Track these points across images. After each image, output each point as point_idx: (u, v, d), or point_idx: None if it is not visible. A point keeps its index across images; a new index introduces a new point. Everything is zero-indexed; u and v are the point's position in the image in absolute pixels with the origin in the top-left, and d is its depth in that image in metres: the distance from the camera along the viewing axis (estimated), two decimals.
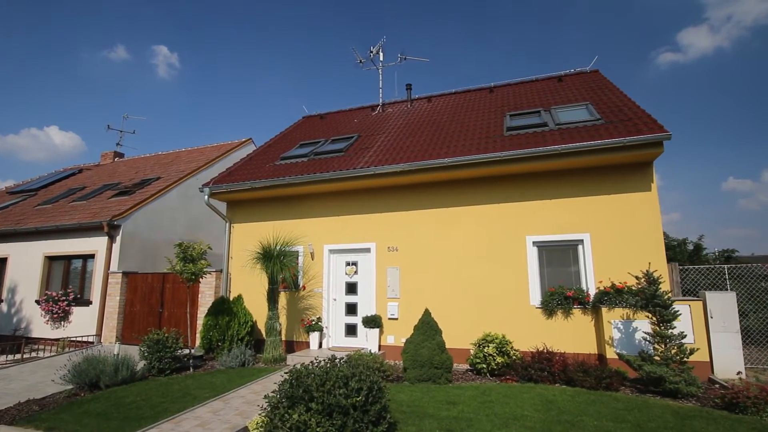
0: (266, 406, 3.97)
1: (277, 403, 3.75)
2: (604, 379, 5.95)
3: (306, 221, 9.68)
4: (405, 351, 6.88)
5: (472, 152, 8.13)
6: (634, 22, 46.32)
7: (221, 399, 5.92)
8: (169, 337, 7.77)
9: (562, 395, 5.59)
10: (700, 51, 45.93)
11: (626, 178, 7.68)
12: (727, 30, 44.80)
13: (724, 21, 44.76)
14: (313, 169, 9.35)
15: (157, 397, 6.04)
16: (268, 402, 3.93)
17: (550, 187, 8.10)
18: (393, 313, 8.62)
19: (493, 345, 7.06)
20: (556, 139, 7.76)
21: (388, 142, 9.96)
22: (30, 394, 6.76)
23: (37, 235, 12.53)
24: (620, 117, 8.08)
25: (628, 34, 47.20)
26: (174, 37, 52.31)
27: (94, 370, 6.69)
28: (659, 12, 45.36)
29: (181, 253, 8.06)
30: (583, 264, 7.77)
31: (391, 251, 8.92)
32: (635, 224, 7.50)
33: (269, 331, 8.42)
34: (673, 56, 46.86)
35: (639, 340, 6.82)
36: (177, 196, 13.55)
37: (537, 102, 10.31)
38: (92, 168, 18.55)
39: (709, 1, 43.87)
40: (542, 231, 8.02)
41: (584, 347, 7.44)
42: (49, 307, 11.50)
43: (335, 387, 3.69)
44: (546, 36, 49.41)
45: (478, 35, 50.87)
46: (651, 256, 7.28)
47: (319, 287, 9.39)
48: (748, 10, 42.00)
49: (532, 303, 7.87)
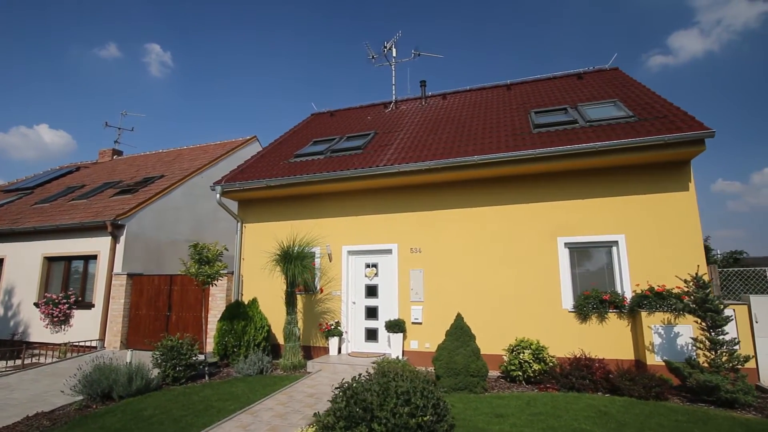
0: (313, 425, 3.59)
1: (333, 424, 3.37)
2: (653, 387, 5.64)
3: (323, 221, 9.28)
4: (438, 358, 6.53)
5: (501, 150, 7.81)
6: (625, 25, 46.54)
7: (248, 412, 5.51)
8: (183, 343, 7.34)
9: (613, 406, 5.27)
10: (691, 54, 46.29)
11: (663, 178, 7.40)
12: (717, 34, 45.19)
13: (714, 25, 45.15)
14: (331, 167, 8.96)
15: (178, 410, 5.62)
16: (318, 421, 3.55)
17: (581, 186, 7.80)
18: (417, 317, 8.26)
19: (528, 351, 6.73)
20: (591, 136, 7.46)
21: (408, 139, 9.60)
22: (36, 405, 6.30)
23: (35, 235, 11.99)
24: (654, 114, 7.80)
25: (619, 37, 47.40)
26: (167, 36, 51.51)
27: (106, 380, 6.25)
28: (650, 15, 45.61)
29: (195, 254, 7.63)
30: (617, 266, 7.48)
31: (414, 252, 8.56)
32: (673, 225, 7.22)
33: (288, 337, 8.02)
34: (664, 59, 47.13)
35: (681, 346, 6.54)
36: (182, 194, 13.09)
37: (560, 99, 10.02)
38: (90, 166, 17.96)
39: (700, 5, 44.22)
40: (574, 232, 7.72)
41: (620, 353, 7.14)
42: (49, 311, 10.98)
43: (399, 405, 3.32)
44: (537, 38, 49.45)
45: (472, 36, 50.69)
46: (690, 258, 7.00)
47: (337, 290, 9.00)
48: (738, 14, 42.38)
49: (564, 307, 7.56)
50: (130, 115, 21.03)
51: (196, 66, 55.53)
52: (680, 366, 5.86)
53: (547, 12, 46.41)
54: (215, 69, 56.01)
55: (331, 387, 6.46)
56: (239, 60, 55.30)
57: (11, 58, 49.07)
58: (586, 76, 11.42)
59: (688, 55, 46.15)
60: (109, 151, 18.62)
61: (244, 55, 54.69)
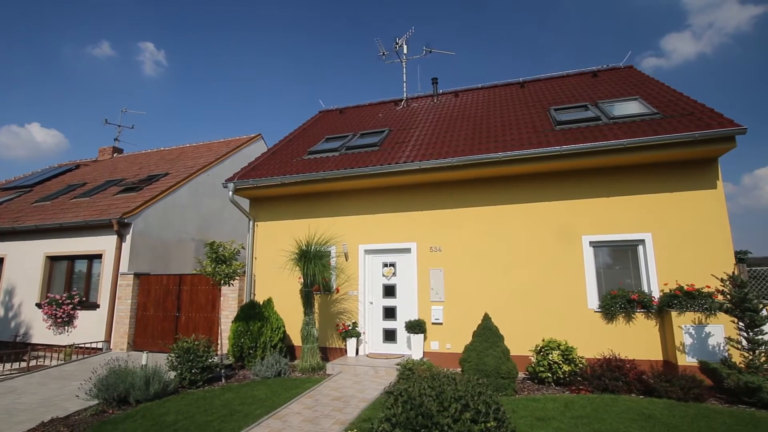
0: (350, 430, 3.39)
1: (390, 431, 3.17)
2: (691, 389, 5.50)
3: (338, 219, 9.07)
4: (466, 359, 6.35)
5: (525, 147, 7.65)
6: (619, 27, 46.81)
7: (275, 417, 5.29)
8: (199, 345, 7.09)
9: (654, 408, 5.12)
10: (683, 56, 46.62)
11: (690, 175, 7.28)
12: (709, 36, 45.58)
13: (706, 27, 45.52)
14: (348, 164, 8.76)
15: (201, 415, 5.39)
16: (373, 429, 3.35)
17: (606, 184, 7.67)
18: (437, 318, 8.08)
19: (557, 352, 6.57)
20: (617, 133, 7.33)
21: (425, 136, 9.43)
22: (48, 410, 6.04)
23: (37, 234, 11.66)
24: (679, 111, 7.69)
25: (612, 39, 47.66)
26: (161, 34, 50.93)
27: (123, 384, 5.99)
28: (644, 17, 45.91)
29: (212, 253, 7.38)
30: (643, 265, 7.35)
31: (433, 251, 8.38)
32: (700, 223, 7.11)
33: (306, 338, 7.80)
34: (657, 61, 47.41)
35: (713, 346, 6.42)
36: (188, 192, 12.81)
37: (577, 97, 9.90)
38: (90, 164, 17.59)
39: (692, 8, 44.57)
40: (599, 230, 7.58)
41: (647, 353, 7.01)
42: (52, 311, 10.66)
43: (459, 411, 3.14)
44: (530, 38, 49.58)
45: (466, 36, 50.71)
46: (718, 257, 6.90)
47: (354, 290, 8.79)
48: (730, 17, 42.78)
49: (589, 306, 7.42)
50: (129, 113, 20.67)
51: (191, 65, 55.00)
52: (717, 367, 5.73)
53: (540, 13, 46.53)
54: (210, 67, 55.53)
55: (357, 389, 6.29)
56: (236, 59, 54.87)
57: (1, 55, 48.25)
58: (600, 74, 11.32)
59: (681, 58, 46.50)
60: (109, 149, 18.25)
61: (242, 55, 54.27)
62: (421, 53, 12.99)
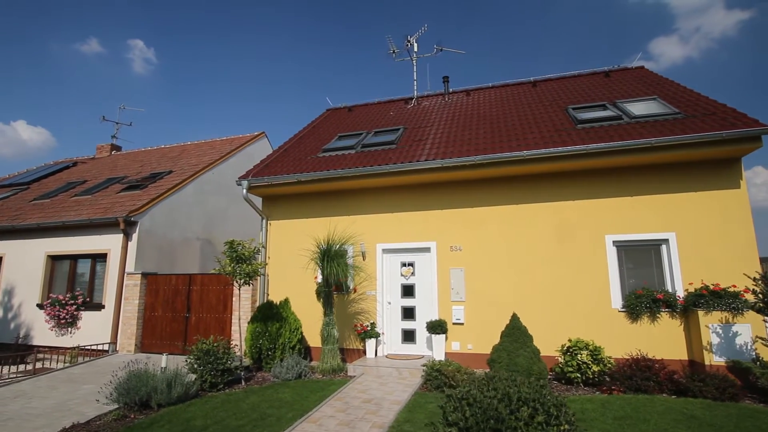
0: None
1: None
2: (727, 389, 5.49)
3: (355, 218, 8.92)
4: (497, 359, 6.26)
5: (548, 145, 7.60)
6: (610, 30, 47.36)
7: (309, 420, 5.13)
8: (219, 347, 6.90)
9: (693, 408, 5.08)
10: (671, 60, 47.34)
11: (713, 175, 7.29)
12: (696, 41, 46.36)
13: (693, 32, 46.30)
14: (366, 162, 8.62)
15: (231, 419, 5.21)
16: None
17: (628, 183, 7.64)
18: (459, 318, 7.98)
19: (586, 352, 6.52)
20: (642, 132, 7.31)
21: (442, 134, 9.33)
22: (63, 415, 5.80)
23: (38, 233, 11.30)
24: (701, 111, 7.70)
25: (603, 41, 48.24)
26: (150, 32, 50.12)
27: (145, 387, 5.78)
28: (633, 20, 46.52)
29: (231, 251, 7.18)
30: (667, 265, 7.34)
31: (453, 251, 8.28)
32: (724, 223, 7.12)
33: (326, 339, 7.64)
34: (646, 64, 47.95)
35: (740, 346, 6.42)
36: (193, 191, 12.54)
37: (593, 96, 9.89)
38: (88, 161, 17.17)
39: (680, 12, 45.28)
40: (622, 230, 7.55)
41: (672, 353, 6.99)
42: (56, 312, 10.33)
43: (531, 414, 3.03)
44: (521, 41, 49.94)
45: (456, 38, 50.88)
46: (743, 256, 6.92)
47: (371, 290, 8.65)
48: (716, 22, 43.56)
49: (613, 306, 7.38)
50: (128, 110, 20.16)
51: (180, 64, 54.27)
52: (751, 366, 5.71)
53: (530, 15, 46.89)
54: (200, 66, 54.86)
55: (385, 392, 6.16)
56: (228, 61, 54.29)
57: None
58: (612, 74, 11.33)
59: (669, 61, 47.19)
60: (107, 146, 17.83)
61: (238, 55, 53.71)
62: (431, 51, 12.90)
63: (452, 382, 6.10)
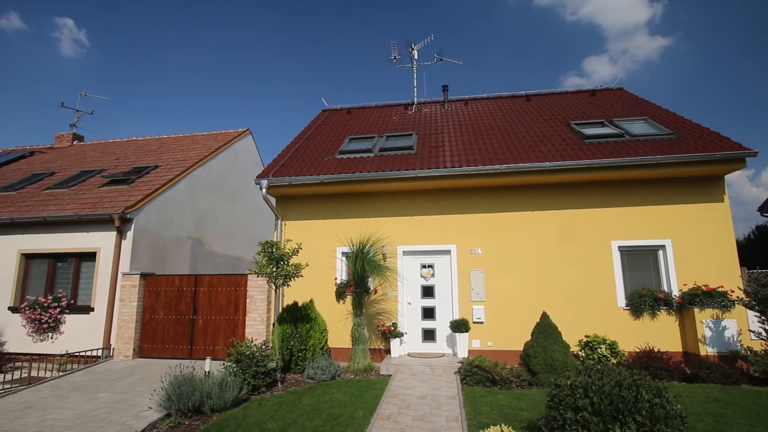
0: None
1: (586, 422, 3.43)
2: (731, 374, 6.40)
3: (376, 220, 9.07)
4: (533, 355, 6.76)
5: (564, 158, 8.29)
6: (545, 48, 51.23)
7: (381, 418, 5.27)
8: (257, 350, 6.79)
9: (711, 391, 5.89)
10: (602, 78, 52.14)
11: (701, 190, 8.35)
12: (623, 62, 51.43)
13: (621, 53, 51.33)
14: (387, 165, 8.84)
15: (304, 421, 5.21)
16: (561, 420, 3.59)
17: (630, 195, 8.53)
18: (479, 317, 8.44)
19: (604, 346, 7.23)
20: (645, 149, 8.21)
21: (457, 142, 9.77)
22: (102, 426, 5.49)
23: (9, 228, 10.24)
24: (689, 132, 8.79)
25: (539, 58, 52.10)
26: (83, 11, 46.10)
27: (198, 392, 5.60)
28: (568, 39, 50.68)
29: (266, 252, 7.07)
30: (663, 268, 8.30)
31: (473, 253, 8.73)
32: (711, 232, 8.19)
33: (357, 339, 7.76)
34: (579, 80, 52.56)
35: (728, 338, 7.45)
36: (185, 187, 11.99)
37: (588, 113, 10.82)
38: (46, 151, 15.65)
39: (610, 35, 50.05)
40: (626, 236, 8.42)
41: (668, 345, 7.92)
42: (36, 316, 9.43)
43: (651, 399, 3.48)
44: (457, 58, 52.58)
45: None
46: (726, 261, 8.01)
47: (393, 290, 8.87)
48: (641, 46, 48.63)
49: (619, 305, 8.21)
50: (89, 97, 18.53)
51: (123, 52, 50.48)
52: (747, 355, 6.69)
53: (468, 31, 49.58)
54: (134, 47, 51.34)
55: (431, 388, 6.43)
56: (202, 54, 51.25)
57: None
58: (598, 94, 12.44)
59: (600, 79, 51.93)
60: (68, 136, 16.37)
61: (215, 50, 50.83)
62: (432, 60, 13.35)
63: (495, 376, 6.51)
